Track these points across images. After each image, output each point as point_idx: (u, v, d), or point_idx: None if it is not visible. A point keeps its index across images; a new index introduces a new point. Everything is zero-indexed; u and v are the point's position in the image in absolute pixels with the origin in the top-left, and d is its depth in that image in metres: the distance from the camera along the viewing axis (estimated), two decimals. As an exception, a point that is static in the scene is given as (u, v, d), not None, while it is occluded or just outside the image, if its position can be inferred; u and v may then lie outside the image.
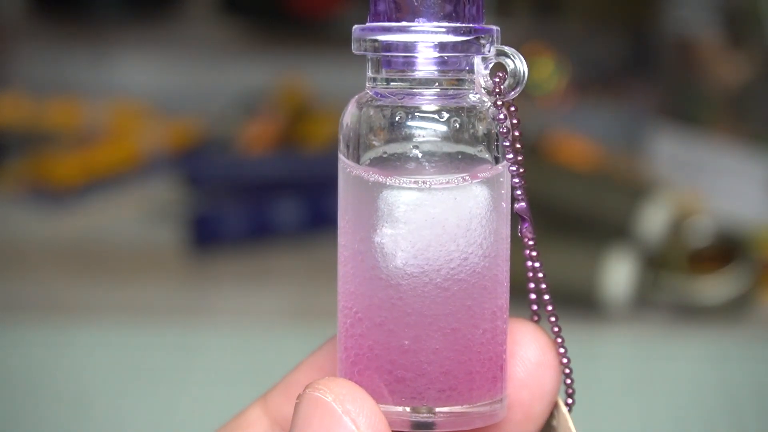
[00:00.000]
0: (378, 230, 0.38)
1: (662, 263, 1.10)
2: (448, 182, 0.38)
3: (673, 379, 0.97)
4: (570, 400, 0.41)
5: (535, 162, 1.27)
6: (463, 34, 0.38)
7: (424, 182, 0.38)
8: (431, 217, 0.38)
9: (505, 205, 0.40)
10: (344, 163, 0.39)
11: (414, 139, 0.38)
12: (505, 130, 0.39)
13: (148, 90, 1.68)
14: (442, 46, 0.38)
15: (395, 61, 0.38)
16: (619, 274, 1.07)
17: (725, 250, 1.11)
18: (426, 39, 0.38)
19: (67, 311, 1.10)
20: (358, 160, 0.39)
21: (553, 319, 0.41)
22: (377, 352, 0.38)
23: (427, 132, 0.38)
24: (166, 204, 1.35)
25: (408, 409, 0.38)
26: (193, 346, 1.03)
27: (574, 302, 1.07)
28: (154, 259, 1.21)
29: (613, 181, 1.23)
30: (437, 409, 0.38)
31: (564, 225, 1.18)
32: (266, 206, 1.26)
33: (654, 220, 1.14)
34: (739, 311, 1.07)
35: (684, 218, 1.14)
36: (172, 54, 1.71)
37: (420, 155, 0.38)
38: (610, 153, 1.44)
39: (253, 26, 1.71)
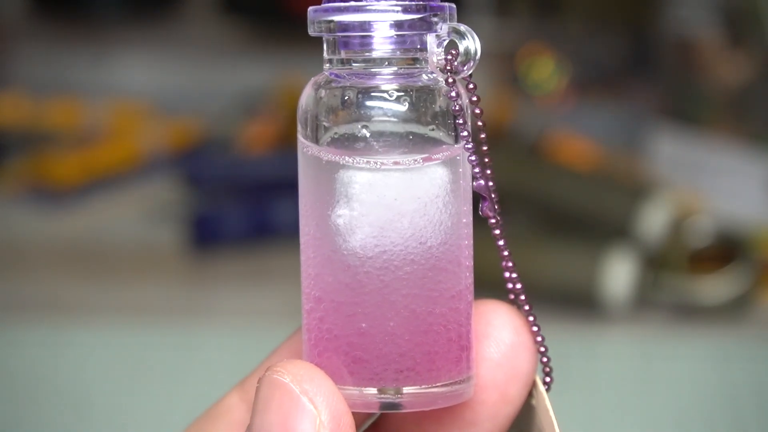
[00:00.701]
0: (334, 211, 0.38)
1: (662, 263, 1.10)
2: (402, 163, 0.38)
3: (673, 379, 0.97)
4: (548, 379, 0.41)
5: (535, 162, 1.27)
6: (417, 12, 0.38)
7: (377, 162, 0.38)
8: (385, 198, 0.38)
9: (465, 185, 0.39)
10: (302, 143, 0.39)
11: (368, 120, 0.38)
12: (458, 108, 0.39)
13: (148, 90, 1.68)
14: (396, 25, 0.38)
15: (350, 41, 0.39)
16: (619, 274, 1.07)
17: (725, 250, 1.11)
18: (380, 18, 0.38)
19: (67, 311, 1.10)
20: (316, 141, 0.39)
21: (522, 297, 0.41)
22: (336, 333, 0.38)
23: (381, 112, 0.38)
24: (166, 204, 1.35)
25: (374, 389, 0.38)
26: (193, 346, 1.03)
27: (574, 302, 1.07)
28: (154, 259, 1.21)
29: (613, 181, 1.23)
30: (404, 389, 0.38)
31: (564, 225, 1.18)
32: (266, 206, 1.26)
33: (654, 220, 1.14)
34: (739, 311, 1.07)
35: (684, 218, 1.14)
36: (172, 54, 1.71)
37: (374, 135, 0.38)
38: (610, 153, 1.44)
39: (253, 26, 1.71)
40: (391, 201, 0.38)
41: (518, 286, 0.41)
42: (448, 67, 0.38)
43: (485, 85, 1.59)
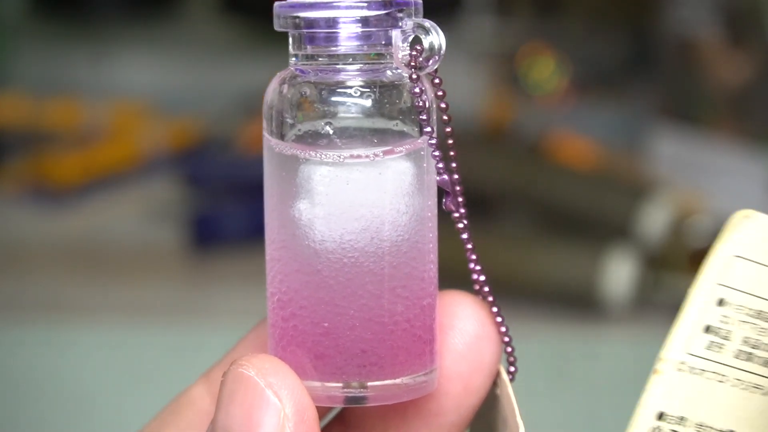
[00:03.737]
0: (295, 206, 0.38)
1: (662, 263, 1.10)
2: (365, 157, 0.38)
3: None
4: (513, 369, 0.41)
5: (536, 162, 1.27)
6: (382, 8, 0.38)
7: (339, 156, 0.38)
8: (347, 192, 0.38)
9: (429, 182, 0.39)
10: (267, 139, 0.39)
11: (332, 116, 0.38)
12: (421, 104, 0.39)
13: (148, 90, 1.68)
14: (362, 21, 0.38)
15: (316, 37, 0.39)
16: (619, 274, 1.07)
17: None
18: (346, 14, 0.38)
19: (67, 311, 1.10)
20: (280, 137, 0.39)
21: (486, 289, 0.41)
22: (300, 328, 0.38)
23: (346, 107, 0.38)
24: (166, 204, 1.35)
25: (339, 384, 0.38)
26: (193, 346, 1.03)
27: (574, 302, 1.07)
28: (154, 259, 1.21)
29: (613, 180, 1.23)
30: (368, 383, 0.38)
31: (564, 225, 1.18)
32: (266, 206, 1.26)
33: (654, 219, 1.14)
34: (739, 311, 1.07)
35: (684, 218, 1.14)
36: (172, 54, 1.71)
37: (338, 131, 0.38)
38: (610, 153, 1.44)
39: (253, 26, 1.71)
40: (353, 195, 0.38)
41: (482, 278, 0.41)
42: (413, 63, 0.39)
43: (485, 85, 1.60)
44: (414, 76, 0.39)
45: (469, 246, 0.40)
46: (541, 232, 1.17)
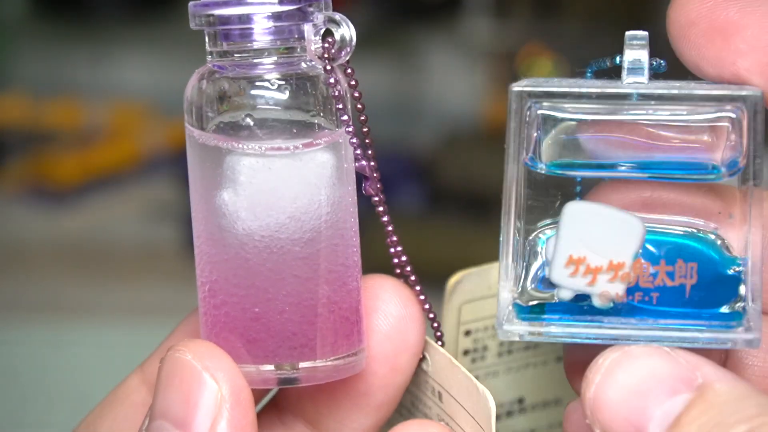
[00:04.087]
0: (220, 197, 0.39)
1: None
2: (285, 148, 0.39)
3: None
4: (440, 343, 0.42)
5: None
6: (292, 3, 0.40)
7: (260, 147, 0.39)
8: (269, 183, 0.39)
9: (349, 170, 0.41)
10: (189, 130, 0.40)
11: (251, 108, 0.39)
12: (337, 93, 0.40)
13: (148, 90, 1.68)
14: (273, 16, 0.39)
15: (230, 33, 0.40)
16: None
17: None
18: (258, 10, 0.39)
19: (67, 311, 1.10)
20: (201, 130, 0.40)
21: (408, 269, 0.43)
22: (231, 315, 0.39)
23: (263, 100, 0.39)
24: (166, 204, 1.35)
25: (272, 366, 0.39)
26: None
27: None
28: (154, 259, 1.22)
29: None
30: (300, 365, 0.39)
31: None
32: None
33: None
34: (738, 311, 1.07)
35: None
36: (172, 54, 1.71)
37: (257, 123, 0.39)
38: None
39: (252, 26, 1.71)
40: (275, 185, 0.39)
41: (404, 258, 0.42)
42: (326, 55, 0.40)
43: (484, 85, 1.60)
44: (328, 68, 0.40)
45: (390, 228, 0.42)
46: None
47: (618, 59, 0.40)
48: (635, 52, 0.39)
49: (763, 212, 0.38)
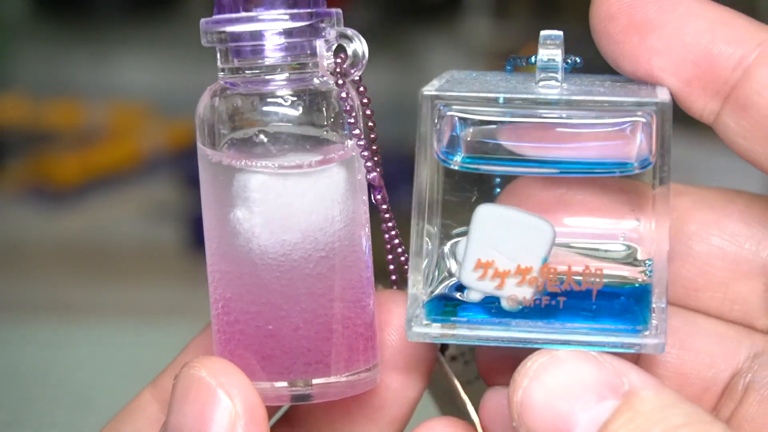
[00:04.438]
0: (233, 215, 0.39)
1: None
2: (299, 165, 0.39)
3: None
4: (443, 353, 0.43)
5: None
6: (304, 19, 0.40)
7: (274, 165, 0.39)
8: (283, 200, 0.39)
9: (360, 183, 0.41)
10: (201, 150, 0.40)
11: (264, 125, 0.39)
12: (348, 108, 0.40)
13: (148, 90, 1.68)
14: (285, 32, 0.39)
15: (242, 50, 0.40)
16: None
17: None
18: (268, 27, 0.39)
19: (67, 311, 1.10)
20: (213, 148, 0.40)
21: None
22: (246, 332, 0.39)
23: (276, 117, 0.39)
24: (166, 204, 1.35)
25: (285, 383, 0.39)
26: (193, 345, 1.03)
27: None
28: (154, 259, 1.22)
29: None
30: (313, 381, 0.39)
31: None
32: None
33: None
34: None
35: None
36: (172, 54, 1.71)
37: (270, 139, 0.39)
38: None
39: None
40: (290, 202, 0.39)
41: (404, 258, 0.42)
42: (338, 70, 0.40)
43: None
44: (340, 83, 0.40)
45: (397, 241, 0.42)
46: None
47: (534, 58, 0.40)
48: (549, 51, 0.40)
49: (671, 209, 0.39)
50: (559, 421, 0.34)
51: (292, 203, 0.39)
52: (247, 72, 0.40)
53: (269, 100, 0.39)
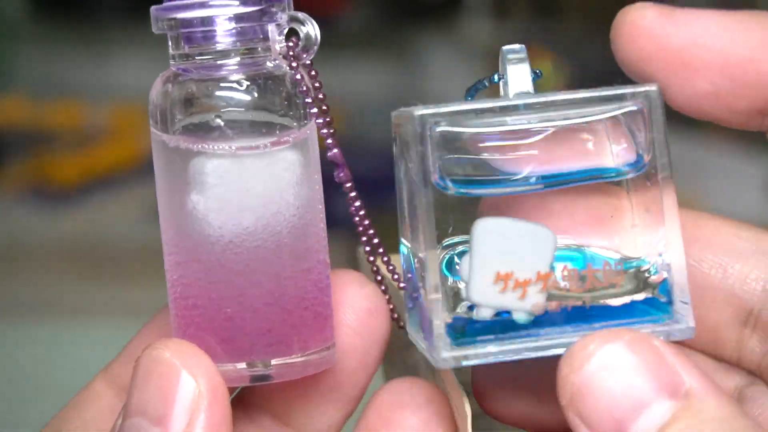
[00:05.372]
0: (189, 198, 0.39)
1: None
2: (253, 148, 0.39)
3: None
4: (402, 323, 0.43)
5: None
6: (255, 4, 0.40)
7: (229, 147, 0.39)
8: (238, 184, 0.39)
9: (316, 165, 0.41)
10: (156, 135, 0.40)
11: (217, 110, 0.39)
12: (305, 89, 0.40)
13: (148, 90, 1.68)
14: (236, 18, 0.40)
15: (193, 36, 0.40)
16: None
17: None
18: (219, 12, 0.39)
19: (68, 311, 1.10)
20: (167, 134, 0.40)
21: (385, 259, 0.43)
22: (206, 317, 0.40)
23: (230, 102, 0.39)
24: (166, 204, 1.35)
25: (244, 364, 0.39)
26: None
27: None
28: (154, 260, 1.21)
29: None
30: (272, 362, 0.40)
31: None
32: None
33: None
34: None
35: (683, 218, 1.14)
36: (172, 54, 1.71)
37: (224, 124, 0.39)
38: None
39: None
40: (245, 185, 0.39)
41: (375, 240, 0.42)
42: (291, 54, 0.40)
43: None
44: (294, 66, 0.40)
45: (363, 212, 0.42)
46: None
47: (496, 77, 0.40)
48: (516, 67, 0.41)
49: (676, 205, 0.39)
50: (617, 413, 0.33)
51: (249, 186, 0.39)
52: (197, 58, 0.40)
53: (223, 85, 0.40)
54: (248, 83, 0.40)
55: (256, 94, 0.40)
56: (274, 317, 0.40)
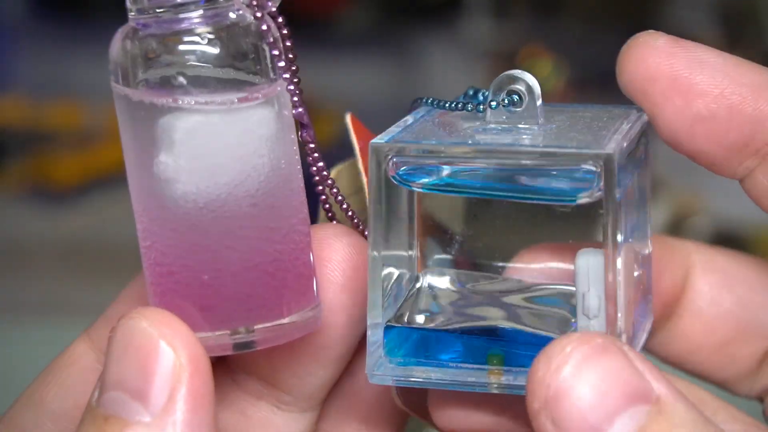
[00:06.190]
0: (157, 161, 0.37)
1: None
2: (221, 104, 0.37)
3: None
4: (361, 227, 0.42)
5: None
6: None
7: (197, 102, 0.37)
8: (209, 142, 0.37)
9: (289, 122, 0.39)
10: (119, 90, 0.38)
11: (180, 66, 0.37)
12: (272, 40, 0.38)
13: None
14: None
15: None
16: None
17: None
18: None
19: (67, 311, 1.10)
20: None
21: (350, 214, 0.41)
22: (183, 284, 0.38)
23: (194, 56, 0.37)
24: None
25: (227, 331, 0.38)
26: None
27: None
28: (154, 259, 1.21)
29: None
30: (255, 327, 0.38)
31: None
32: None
33: (653, 220, 1.14)
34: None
35: (684, 218, 1.15)
36: (171, 54, 1.71)
37: (189, 81, 0.37)
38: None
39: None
40: (216, 144, 0.37)
41: (340, 198, 0.41)
42: (254, 2, 0.38)
43: (485, 85, 1.60)
44: (258, 15, 0.38)
45: (325, 173, 0.40)
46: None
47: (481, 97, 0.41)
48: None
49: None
50: (593, 417, 0.33)
51: (219, 145, 0.37)
52: (157, 10, 0.37)
53: (185, 38, 0.37)
54: (211, 36, 0.37)
55: (219, 48, 0.37)
56: (255, 281, 0.37)
